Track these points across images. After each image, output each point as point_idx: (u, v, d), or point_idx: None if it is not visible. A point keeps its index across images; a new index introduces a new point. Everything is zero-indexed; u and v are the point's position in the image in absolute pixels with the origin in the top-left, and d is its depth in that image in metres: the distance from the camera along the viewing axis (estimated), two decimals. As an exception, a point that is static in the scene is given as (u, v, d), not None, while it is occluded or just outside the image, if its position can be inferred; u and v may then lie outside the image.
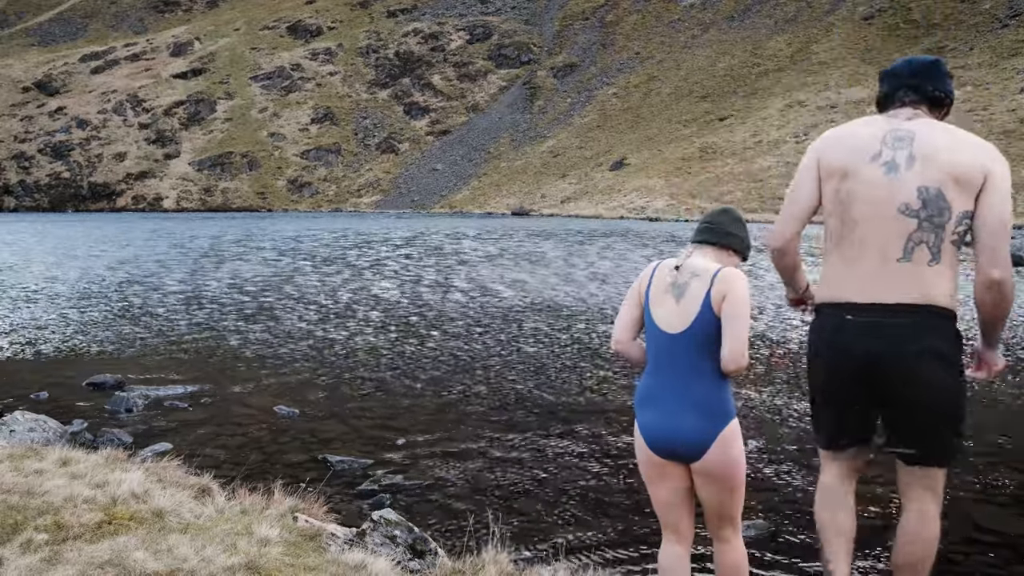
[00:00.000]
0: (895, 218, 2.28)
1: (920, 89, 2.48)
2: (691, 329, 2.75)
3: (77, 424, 6.31)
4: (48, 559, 3.10)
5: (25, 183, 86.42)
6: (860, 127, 2.46)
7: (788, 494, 4.92)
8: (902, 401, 2.37)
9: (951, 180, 2.24)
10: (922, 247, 2.27)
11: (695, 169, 57.93)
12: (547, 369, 8.59)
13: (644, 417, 2.88)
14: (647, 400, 2.88)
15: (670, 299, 2.83)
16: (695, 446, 2.75)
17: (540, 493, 4.98)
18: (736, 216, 2.99)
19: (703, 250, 2.91)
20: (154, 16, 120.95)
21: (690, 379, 2.77)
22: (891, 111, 2.49)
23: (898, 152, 2.31)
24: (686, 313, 2.77)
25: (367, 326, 11.53)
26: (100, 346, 10.17)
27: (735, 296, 2.67)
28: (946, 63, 2.64)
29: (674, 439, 2.78)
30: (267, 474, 5.17)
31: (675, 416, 2.77)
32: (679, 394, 2.77)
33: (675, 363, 2.80)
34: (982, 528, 4.37)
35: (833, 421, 2.54)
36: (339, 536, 3.67)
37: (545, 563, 3.70)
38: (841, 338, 2.40)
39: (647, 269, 3.00)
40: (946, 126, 2.42)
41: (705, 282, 2.75)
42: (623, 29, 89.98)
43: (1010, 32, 58.82)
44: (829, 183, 2.41)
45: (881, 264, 2.31)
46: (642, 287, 2.95)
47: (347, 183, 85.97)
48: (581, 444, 5.96)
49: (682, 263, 2.87)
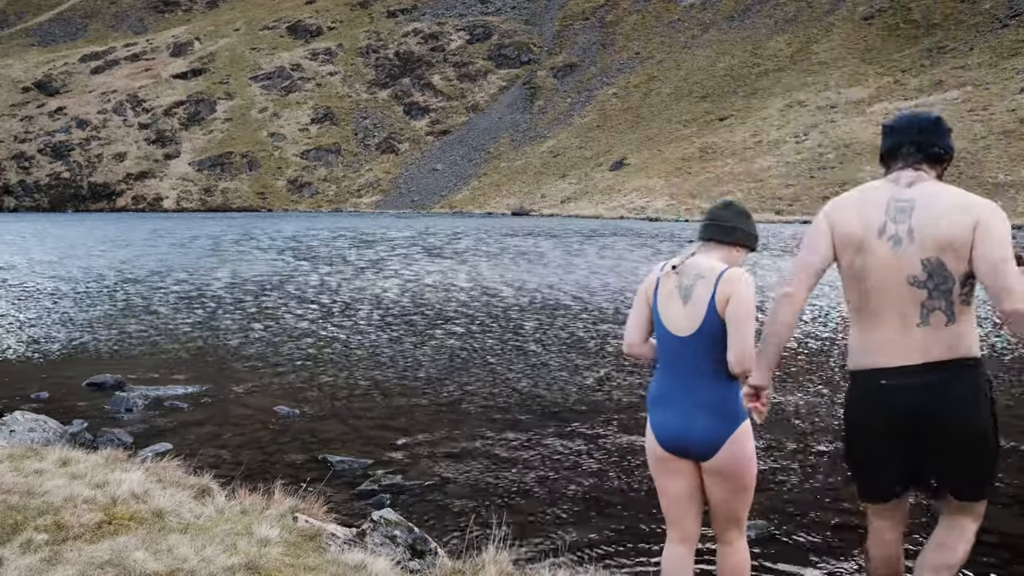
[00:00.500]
0: (908, 289, 2.43)
1: (923, 147, 2.61)
2: (699, 332, 2.75)
3: (77, 424, 6.31)
4: (48, 559, 3.10)
5: (25, 183, 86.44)
6: (868, 193, 2.58)
7: (788, 494, 4.92)
8: (944, 449, 2.54)
9: (948, 250, 2.39)
10: (936, 312, 2.43)
11: (695, 169, 57.94)
12: (547, 368, 8.59)
13: (656, 416, 2.89)
14: (660, 400, 2.89)
15: (677, 301, 2.82)
16: (707, 445, 2.77)
17: (540, 493, 4.98)
18: (739, 209, 2.96)
19: (708, 248, 2.89)
20: (154, 16, 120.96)
21: (701, 380, 2.77)
22: (894, 172, 2.63)
23: (900, 226, 2.45)
24: (693, 316, 2.77)
25: (367, 326, 11.53)
26: (100, 346, 10.17)
27: (739, 297, 2.67)
28: (946, 121, 2.77)
29: (686, 437, 2.80)
30: (267, 474, 5.17)
31: (688, 415, 2.79)
32: (691, 395, 2.79)
33: (685, 364, 2.81)
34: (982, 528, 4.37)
35: (882, 478, 2.68)
36: (339, 536, 3.66)
37: (545, 563, 3.70)
38: (880, 401, 2.53)
39: (654, 270, 2.98)
40: (941, 190, 2.53)
41: (710, 284, 2.74)
42: (623, 29, 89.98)
43: (1010, 32, 58.82)
44: (845, 254, 2.54)
45: (902, 330, 2.46)
46: (649, 289, 2.93)
47: (347, 183, 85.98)
48: (581, 444, 5.96)
49: (682, 263, 2.85)
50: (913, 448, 2.58)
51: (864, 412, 2.65)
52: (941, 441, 2.54)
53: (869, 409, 2.62)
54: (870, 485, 2.77)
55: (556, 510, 4.71)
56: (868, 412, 2.63)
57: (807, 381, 7.88)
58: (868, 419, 2.64)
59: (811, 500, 4.83)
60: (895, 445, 2.60)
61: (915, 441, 2.56)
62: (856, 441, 2.76)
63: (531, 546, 4.17)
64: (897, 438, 2.58)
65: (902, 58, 64.32)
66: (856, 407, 2.70)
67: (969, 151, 43.50)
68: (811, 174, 49.56)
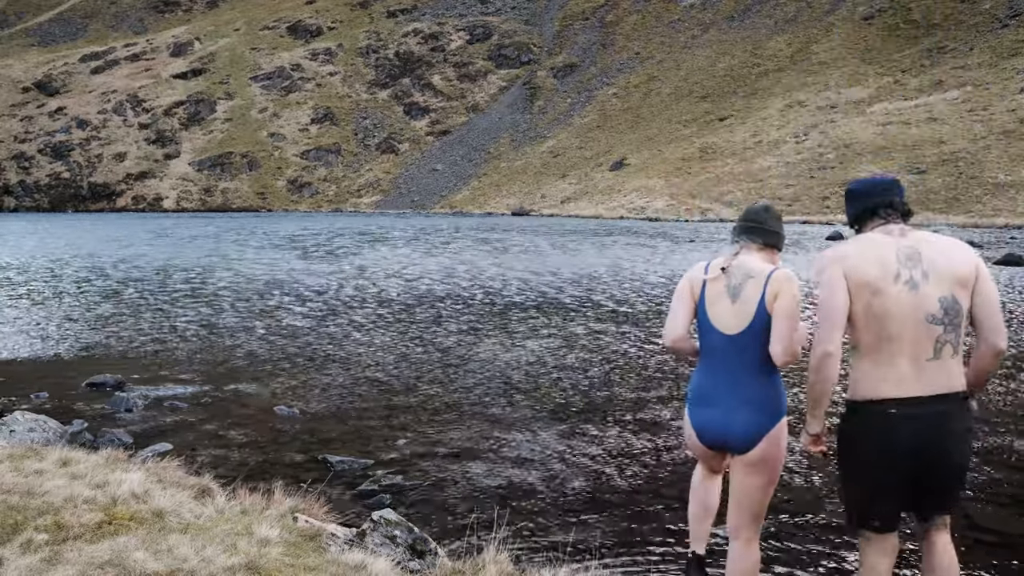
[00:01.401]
0: (925, 327, 2.68)
1: (896, 205, 2.88)
2: (748, 329, 2.91)
3: (77, 424, 6.31)
4: (48, 559, 3.10)
5: (25, 183, 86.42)
6: (872, 245, 2.81)
7: (788, 494, 4.92)
8: (940, 475, 2.76)
9: (959, 286, 2.70)
10: (947, 346, 2.70)
11: (695, 169, 57.93)
12: (548, 368, 8.58)
13: (698, 415, 3.03)
14: (702, 399, 3.02)
15: (726, 300, 2.95)
16: (747, 440, 2.91)
17: (540, 493, 4.98)
18: (777, 214, 3.14)
19: (750, 249, 3.03)
20: (154, 16, 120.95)
21: (746, 377, 2.92)
22: (878, 226, 2.87)
23: (913, 271, 2.71)
24: (743, 314, 2.92)
25: (367, 325, 11.53)
26: (100, 346, 10.17)
27: (788, 295, 2.87)
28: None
29: (727, 433, 2.94)
30: (267, 474, 5.17)
31: (730, 412, 2.93)
32: (735, 391, 2.93)
33: (731, 361, 2.94)
34: (982, 528, 4.37)
35: (885, 505, 2.84)
36: (339, 536, 3.67)
37: (545, 563, 3.70)
38: (887, 430, 2.72)
39: (697, 269, 3.09)
40: (934, 236, 2.83)
41: (759, 284, 2.91)
42: (623, 29, 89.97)
43: (1010, 32, 58.82)
44: (860, 298, 2.73)
45: (914, 364, 2.69)
46: (695, 287, 3.04)
47: (347, 183, 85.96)
48: (582, 443, 5.96)
49: (731, 264, 2.99)
50: (913, 476, 2.77)
51: (870, 441, 2.79)
52: (941, 469, 2.76)
53: (875, 438, 2.77)
54: (873, 515, 2.88)
55: (556, 510, 4.71)
56: (874, 441, 2.78)
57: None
58: (873, 448, 2.78)
59: (810, 501, 4.83)
60: (896, 474, 2.77)
61: (916, 470, 2.75)
62: (858, 471, 2.86)
63: (531, 546, 4.17)
64: (899, 467, 2.76)
65: (902, 58, 64.33)
66: (861, 437, 2.82)
67: (969, 151, 43.48)
68: (811, 174, 49.55)
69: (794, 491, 4.97)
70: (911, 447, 2.71)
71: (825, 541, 4.26)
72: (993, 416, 6.47)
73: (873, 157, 47.54)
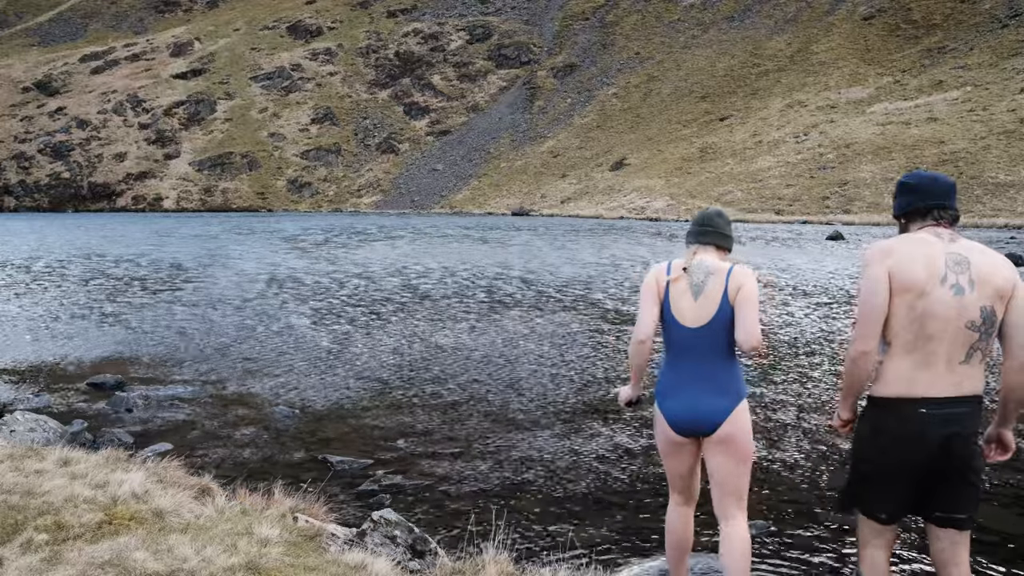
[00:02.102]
0: (964, 332, 2.76)
1: (948, 210, 2.91)
2: (712, 322, 3.15)
3: (77, 424, 6.31)
4: (48, 559, 3.10)
5: (25, 183, 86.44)
6: (921, 246, 2.84)
7: (787, 493, 4.92)
8: (963, 475, 2.82)
9: (999, 298, 2.78)
10: (978, 352, 2.79)
11: (695, 169, 57.96)
12: (548, 367, 8.58)
13: (668, 405, 3.26)
14: (670, 390, 3.26)
15: (689, 297, 3.20)
16: (714, 421, 3.16)
17: (540, 493, 4.98)
18: (728, 218, 3.39)
19: (706, 250, 3.27)
20: (154, 16, 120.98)
21: (708, 365, 3.18)
22: (929, 229, 2.89)
23: (960, 276, 2.78)
24: (707, 309, 3.16)
25: (367, 325, 11.53)
26: (100, 346, 10.17)
27: (749, 287, 3.12)
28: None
29: (696, 418, 3.19)
30: (267, 474, 5.17)
31: (695, 397, 3.18)
32: (700, 379, 3.19)
33: (694, 353, 3.20)
34: (982, 528, 4.37)
35: (897, 498, 2.91)
36: (339, 536, 3.67)
37: (545, 563, 3.70)
38: (917, 426, 2.80)
39: (659, 270, 3.30)
40: (982, 247, 2.87)
41: (722, 279, 3.15)
42: (623, 29, 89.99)
43: (1010, 32, 58.84)
44: (903, 297, 2.79)
45: (947, 366, 2.79)
46: (660, 287, 3.26)
47: (347, 183, 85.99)
48: (582, 443, 5.96)
49: (691, 264, 3.22)
50: (933, 472, 2.82)
51: (898, 435, 2.85)
52: (963, 466, 2.81)
53: (905, 432, 2.83)
54: (881, 504, 2.93)
55: (556, 510, 4.71)
56: (903, 435, 2.83)
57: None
58: (901, 441, 2.84)
59: (809, 499, 4.83)
60: (915, 471, 2.83)
61: (938, 465, 2.81)
62: (879, 462, 2.90)
63: (531, 546, 4.17)
64: (918, 464, 2.82)
65: (902, 58, 64.36)
66: (889, 431, 2.87)
67: (969, 151, 43.49)
68: (811, 174, 49.57)
69: (793, 489, 4.98)
70: (939, 442, 2.78)
71: (824, 538, 4.26)
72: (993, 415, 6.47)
73: (873, 157, 47.56)
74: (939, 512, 2.87)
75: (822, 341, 10.06)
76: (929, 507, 2.88)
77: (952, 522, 2.86)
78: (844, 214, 42.81)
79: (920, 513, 2.94)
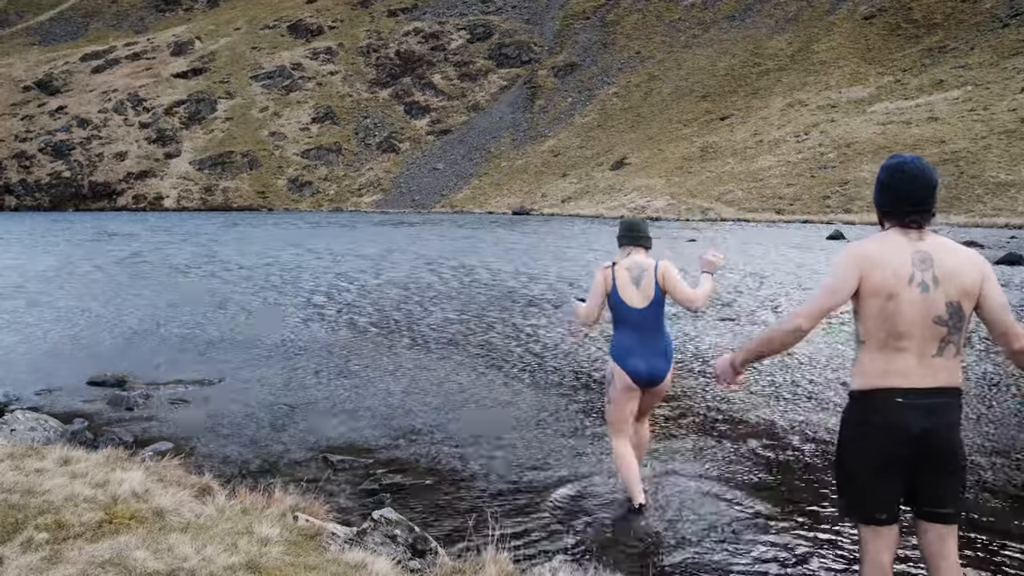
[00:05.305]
0: (932, 328, 2.86)
1: (924, 214, 2.96)
2: (651, 305, 4.51)
3: (77, 423, 6.32)
4: (49, 558, 3.10)
5: (26, 182, 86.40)
6: (893, 249, 2.92)
7: (788, 492, 4.92)
8: (944, 466, 2.89)
9: (965, 295, 2.88)
10: (950, 346, 2.88)
11: (696, 168, 57.91)
12: (549, 368, 8.59)
13: (632, 363, 4.52)
14: (630, 352, 4.53)
15: (632, 287, 4.53)
16: (663, 377, 4.59)
17: (540, 492, 4.98)
18: (647, 224, 4.76)
19: (637, 251, 4.62)
20: (155, 15, 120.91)
21: (652, 336, 4.54)
22: (899, 228, 2.96)
23: (925, 274, 2.88)
24: (646, 294, 4.51)
25: (368, 324, 11.53)
26: (101, 344, 10.18)
27: (671, 273, 4.51)
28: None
29: (654, 374, 4.55)
30: (267, 473, 5.18)
31: (650, 359, 4.52)
32: (650, 346, 4.53)
33: (644, 327, 4.53)
34: (982, 528, 4.38)
35: (887, 494, 2.94)
36: (339, 535, 3.67)
37: (545, 563, 3.70)
38: (896, 416, 2.86)
39: (605, 270, 4.59)
40: (949, 244, 2.95)
41: (652, 273, 4.52)
42: (624, 28, 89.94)
43: (1010, 32, 58.78)
44: (875, 300, 2.88)
45: (920, 359, 2.88)
46: (608, 282, 4.56)
47: (348, 182, 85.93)
48: (582, 443, 5.96)
49: (629, 262, 4.56)
50: (916, 464, 2.87)
51: (878, 426, 2.89)
52: (945, 457, 2.87)
53: (885, 422, 2.88)
54: (876, 504, 2.94)
55: (556, 510, 4.71)
56: (884, 425, 2.88)
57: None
58: (883, 432, 2.88)
59: (808, 494, 4.83)
60: (899, 462, 2.88)
61: (921, 456, 2.86)
62: (864, 458, 2.93)
63: (531, 546, 4.17)
64: (901, 455, 2.86)
65: (902, 58, 64.32)
66: (869, 421, 2.92)
67: (970, 151, 43.44)
68: (812, 174, 49.53)
69: (793, 488, 4.98)
70: (919, 431, 2.84)
71: (823, 537, 4.26)
72: (991, 414, 6.47)
73: (874, 156, 47.48)
74: (926, 507, 2.92)
75: (815, 345, 10.05)
76: (916, 502, 2.93)
77: (939, 516, 2.92)
78: (845, 213, 42.75)
79: (908, 509, 2.98)
